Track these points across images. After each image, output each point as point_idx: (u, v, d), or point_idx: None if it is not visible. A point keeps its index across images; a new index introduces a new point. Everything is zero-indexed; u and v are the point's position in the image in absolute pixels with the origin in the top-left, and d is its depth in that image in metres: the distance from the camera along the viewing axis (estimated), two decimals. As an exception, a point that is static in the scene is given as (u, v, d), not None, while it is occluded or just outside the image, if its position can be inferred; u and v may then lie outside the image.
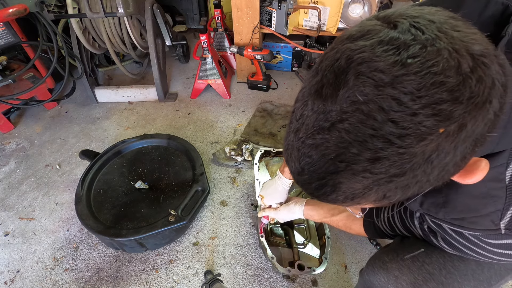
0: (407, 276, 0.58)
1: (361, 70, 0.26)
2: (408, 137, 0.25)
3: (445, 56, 0.25)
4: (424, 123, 0.25)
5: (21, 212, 1.43)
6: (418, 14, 0.28)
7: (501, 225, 0.39)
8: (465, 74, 0.24)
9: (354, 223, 0.81)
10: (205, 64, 1.94)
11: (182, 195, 1.28)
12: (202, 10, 2.67)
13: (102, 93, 2.09)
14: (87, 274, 1.19)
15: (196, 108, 2.01)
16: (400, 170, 0.27)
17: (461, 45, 0.25)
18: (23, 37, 1.71)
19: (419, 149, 0.26)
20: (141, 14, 1.84)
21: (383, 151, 0.26)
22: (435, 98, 0.24)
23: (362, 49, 0.27)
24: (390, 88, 0.25)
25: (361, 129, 0.26)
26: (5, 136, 1.87)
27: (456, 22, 0.27)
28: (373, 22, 0.29)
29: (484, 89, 0.25)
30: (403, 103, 0.25)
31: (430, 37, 0.26)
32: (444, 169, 0.28)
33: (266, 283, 1.13)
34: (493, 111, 0.26)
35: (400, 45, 0.26)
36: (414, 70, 0.25)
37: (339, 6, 1.74)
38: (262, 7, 1.82)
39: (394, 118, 0.25)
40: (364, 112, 0.26)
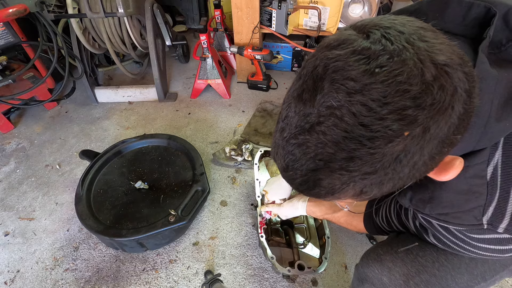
0: (400, 267, 0.60)
1: (335, 78, 0.29)
2: (377, 139, 0.28)
3: (410, 66, 0.27)
4: (390, 127, 0.27)
5: (21, 212, 1.43)
6: (390, 25, 0.30)
7: (484, 220, 0.41)
8: (428, 83, 0.27)
9: (355, 219, 0.81)
10: (205, 64, 1.94)
11: (182, 195, 1.28)
12: (202, 10, 2.67)
13: (102, 93, 2.09)
14: (87, 274, 1.19)
15: (196, 108, 2.01)
16: (372, 168, 0.29)
17: (426, 55, 0.28)
18: (23, 37, 1.71)
19: (388, 150, 0.28)
20: (141, 14, 1.84)
21: (355, 152, 0.29)
22: (400, 104, 0.27)
23: (337, 58, 0.30)
24: (360, 95, 0.28)
25: (336, 131, 0.29)
26: (5, 136, 1.87)
27: (425, 32, 0.30)
28: (350, 31, 0.32)
29: (446, 96, 0.27)
30: (371, 109, 0.27)
31: (398, 48, 0.28)
32: (414, 168, 0.30)
33: (266, 283, 1.13)
34: (457, 116, 0.29)
35: (371, 55, 0.28)
36: (381, 79, 0.27)
37: (339, 6, 1.74)
38: (262, 7, 1.82)
39: (364, 122, 0.28)
40: (337, 116, 0.29)
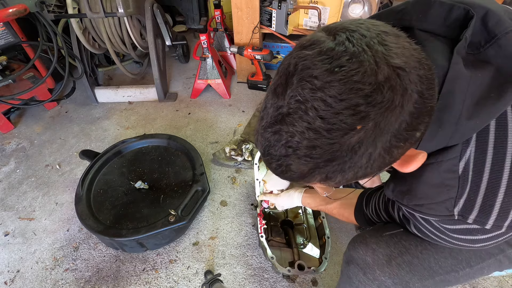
0: (383, 249, 0.63)
1: (302, 75, 0.33)
2: (333, 131, 0.31)
3: (365, 67, 0.30)
4: (345, 120, 0.31)
5: (21, 212, 1.43)
6: (355, 29, 0.33)
7: (455, 212, 0.43)
8: (379, 83, 0.30)
9: (347, 211, 0.84)
10: (205, 64, 1.94)
11: (182, 195, 1.28)
12: (202, 10, 2.67)
13: (102, 93, 2.09)
14: (87, 274, 1.19)
15: (196, 108, 2.01)
16: (332, 156, 0.33)
17: (382, 58, 0.31)
18: (23, 37, 1.71)
19: (344, 141, 0.32)
20: (141, 14, 1.84)
21: (316, 141, 0.32)
22: (353, 101, 0.30)
23: (306, 57, 0.33)
24: (321, 92, 0.31)
25: (301, 123, 0.33)
26: (5, 136, 1.87)
27: (386, 36, 0.32)
28: (321, 33, 0.35)
29: (395, 95, 0.30)
30: (329, 104, 0.31)
31: (357, 50, 0.31)
32: (371, 158, 0.34)
33: (266, 283, 1.13)
34: (407, 114, 0.32)
35: (334, 55, 0.32)
36: (339, 78, 0.30)
37: (339, 6, 1.74)
38: (262, 7, 1.82)
39: (322, 116, 0.31)
40: (302, 110, 0.32)
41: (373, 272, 0.62)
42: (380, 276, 0.61)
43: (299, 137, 0.33)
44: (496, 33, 0.37)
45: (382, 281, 0.61)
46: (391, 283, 0.61)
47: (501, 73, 0.37)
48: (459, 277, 0.61)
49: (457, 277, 0.61)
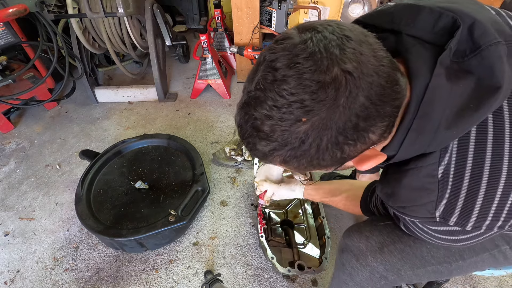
0: (377, 236, 0.65)
1: (267, 66, 0.36)
2: (284, 120, 0.35)
3: (318, 66, 0.33)
4: (294, 112, 0.34)
5: (21, 212, 1.43)
6: (321, 30, 0.36)
7: (436, 214, 0.45)
8: (325, 83, 0.33)
9: (353, 203, 0.85)
10: (205, 64, 1.94)
11: (182, 195, 1.28)
12: (202, 10, 2.67)
13: (102, 93, 2.09)
14: (87, 274, 1.19)
15: (196, 108, 2.01)
16: (284, 142, 0.37)
17: (335, 61, 0.33)
18: (23, 37, 1.71)
19: (293, 129, 0.35)
20: (141, 14, 1.84)
21: (272, 127, 0.36)
22: (301, 96, 0.33)
23: (274, 51, 0.36)
24: (278, 83, 0.34)
25: (260, 108, 0.36)
26: (5, 136, 1.87)
27: (347, 42, 0.34)
28: (294, 30, 0.38)
29: (339, 96, 0.33)
30: (282, 96, 0.34)
31: (314, 50, 0.34)
32: (319, 150, 0.37)
33: (266, 283, 1.13)
34: (353, 114, 0.34)
35: (294, 52, 0.35)
36: (293, 73, 0.34)
37: (339, 6, 1.74)
38: (262, 7, 1.82)
39: (277, 105, 0.35)
40: (262, 97, 0.36)
41: (365, 258, 0.64)
42: (372, 262, 0.63)
43: (260, 121, 0.37)
44: (480, 44, 0.38)
45: (374, 267, 0.63)
46: (382, 269, 0.62)
47: (481, 85, 0.38)
48: (452, 269, 0.62)
49: (450, 269, 0.62)
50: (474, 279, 1.12)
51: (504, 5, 1.95)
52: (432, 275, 0.63)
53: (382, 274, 0.63)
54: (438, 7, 0.41)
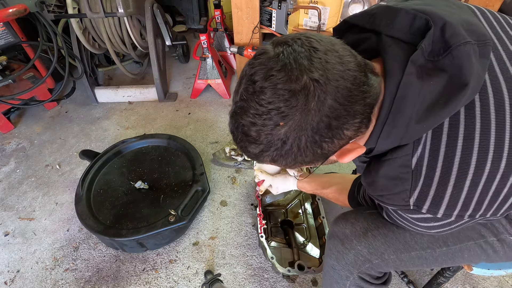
0: (361, 223, 0.69)
1: (247, 79, 0.41)
2: (266, 125, 0.40)
3: (289, 77, 0.38)
4: (273, 118, 0.39)
5: (21, 212, 1.43)
6: (291, 43, 0.40)
7: (410, 202, 0.48)
8: (295, 91, 0.37)
9: (342, 196, 0.88)
10: (205, 64, 1.94)
11: (182, 195, 1.28)
12: (202, 10, 2.67)
13: (102, 93, 2.09)
14: (87, 274, 1.19)
15: (196, 108, 2.01)
16: (269, 144, 0.42)
17: (304, 71, 0.37)
18: (23, 37, 1.71)
19: (275, 133, 0.40)
20: (141, 14, 1.84)
21: (258, 132, 0.41)
22: (277, 104, 0.38)
23: (252, 66, 0.41)
24: (257, 94, 0.39)
25: (245, 117, 0.41)
26: (5, 136, 1.87)
27: (314, 53, 0.39)
28: (269, 46, 0.42)
29: (309, 101, 0.38)
30: (262, 105, 0.39)
31: (285, 63, 0.38)
32: (300, 149, 0.42)
33: (266, 283, 1.13)
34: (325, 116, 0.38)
35: (269, 65, 0.39)
36: (269, 85, 0.39)
37: (339, 6, 1.74)
38: (262, 7, 1.82)
39: (258, 113, 0.40)
40: (245, 107, 0.41)
41: (350, 242, 0.67)
42: (356, 245, 0.67)
43: (247, 127, 0.42)
44: (450, 44, 0.41)
45: (358, 250, 0.66)
46: (366, 252, 0.65)
47: (452, 82, 0.41)
48: (437, 256, 0.64)
49: (435, 256, 0.64)
50: (474, 279, 1.12)
51: (504, 5, 1.95)
52: (417, 261, 0.65)
53: (366, 257, 0.66)
54: (413, 9, 0.44)
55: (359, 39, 0.51)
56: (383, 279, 0.73)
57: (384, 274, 0.74)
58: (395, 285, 1.11)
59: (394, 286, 1.11)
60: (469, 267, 0.76)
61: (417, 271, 1.15)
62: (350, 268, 0.69)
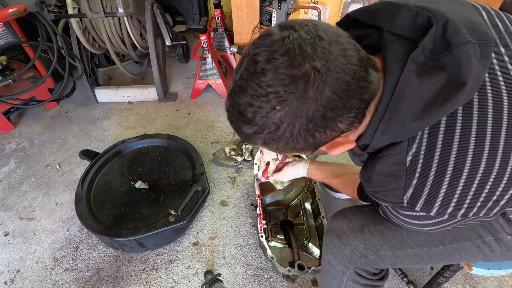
0: (359, 219, 0.69)
1: (250, 59, 0.41)
2: (262, 108, 0.40)
3: (292, 62, 0.37)
4: (270, 101, 0.39)
5: (21, 212, 1.43)
6: (298, 29, 0.40)
7: (404, 199, 0.48)
8: (296, 77, 0.37)
9: (351, 188, 0.87)
10: (205, 64, 1.94)
11: (182, 195, 1.28)
12: (202, 10, 2.67)
13: (102, 93, 2.09)
14: (87, 274, 1.19)
15: (196, 108, 2.01)
16: (263, 126, 0.42)
17: (307, 58, 0.37)
18: (23, 37, 1.71)
19: (270, 116, 0.40)
20: (141, 14, 1.84)
21: (254, 113, 0.41)
22: (276, 88, 0.38)
23: (257, 45, 0.41)
24: (258, 75, 0.39)
25: (243, 96, 0.41)
26: (5, 136, 1.87)
27: (319, 42, 0.38)
28: (276, 28, 0.42)
29: (308, 89, 0.38)
30: (261, 87, 0.39)
31: (291, 47, 0.38)
32: (293, 134, 0.42)
33: (266, 283, 1.13)
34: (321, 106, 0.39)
35: (274, 48, 0.39)
36: (271, 67, 0.38)
37: (339, 6, 1.74)
38: (262, 7, 1.82)
39: (257, 94, 0.39)
40: (244, 86, 0.41)
41: (347, 238, 0.68)
42: (353, 241, 0.67)
43: (243, 107, 0.42)
44: (451, 43, 0.40)
45: (354, 246, 0.67)
46: (363, 248, 0.66)
47: (451, 81, 0.41)
48: (433, 254, 0.64)
49: (431, 254, 0.64)
50: (474, 279, 1.12)
51: (504, 5, 1.95)
52: (413, 258, 0.65)
53: (362, 252, 0.66)
54: (416, 6, 0.44)
55: (362, 34, 0.51)
56: (380, 275, 0.74)
57: (381, 270, 0.74)
58: (395, 285, 1.11)
59: (394, 286, 1.11)
60: (469, 267, 0.76)
61: (417, 271, 1.15)
62: (347, 263, 0.69)
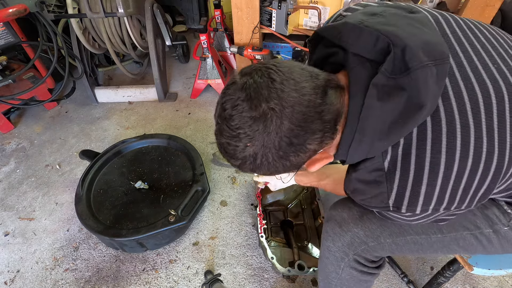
0: (358, 207, 0.71)
1: (221, 107, 0.48)
2: (237, 146, 0.47)
3: (251, 106, 0.44)
4: (242, 140, 0.46)
5: (21, 212, 1.43)
6: (253, 75, 0.46)
7: (390, 203, 0.52)
8: (256, 118, 0.44)
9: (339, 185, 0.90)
10: (205, 64, 1.94)
11: (182, 195, 1.28)
12: (202, 10, 2.67)
13: (102, 93, 2.09)
14: (87, 274, 1.19)
15: (196, 108, 2.01)
16: (244, 160, 0.49)
17: (262, 100, 0.44)
18: (23, 37, 1.71)
19: (246, 152, 0.47)
20: (141, 14, 1.85)
21: (233, 150, 0.48)
22: (243, 129, 0.45)
23: (224, 94, 0.48)
24: (227, 120, 0.47)
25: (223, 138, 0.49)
26: (5, 136, 1.87)
27: (271, 84, 0.44)
28: (238, 76, 0.49)
29: (268, 125, 0.44)
30: (232, 130, 0.46)
31: (248, 93, 0.45)
32: (269, 163, 0.48)
33: (266, 283, 1.13)
34: (284, 136, 0.45)
35: (237, 96, 0.46)
36: (235, 113, 0.45)
37: (339, 6, 1.74)
38: (262, 7, 1.82)
39: (230, 136, 0.47)
40: (220, 129, 0.49)
41: (347, 225, 0.71)
42: (353, 228, 0.70)
43: (225, 147, 0.49)
44: (409, 67, 0.43)
45: (355, 232, 0.69)
46: (363, 234, 0.69)
47: (410, 102, 0.44)
48: (432, 242, 0.67)
49: (430, 242, 0.67)
50: (474, 279, 1.12)
51: (504, 5, 1.95)
52: (412, 246, 0.68)
53: (362, 239, 0.69)
54: (376, 29, 0.47)
55: (329, 53, 0.55)
56: (378, 264, 0.76)
57: (380, 259, 0.76)
58: (395, 285, 1.11)
59: (394, 286, 1.11)
60: (470, 267, 0.76)
61: (417, 271, 1.15)
62: (346, 250, 0.71)
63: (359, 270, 0.73)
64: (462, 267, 0.80)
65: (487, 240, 0.65)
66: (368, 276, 0.75)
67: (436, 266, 1.16)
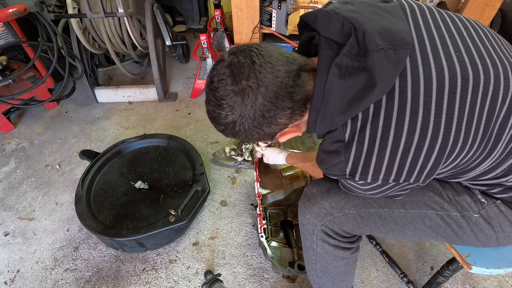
0: (326, 183, 0.78)
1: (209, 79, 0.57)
2: (221, 114, 0.56)
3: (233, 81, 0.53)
4: (224, 109, 0.55)
5: (21, 212, 1.43)
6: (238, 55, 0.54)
7: (347, 171, 0.57)
8: (237, 91, 0.53)
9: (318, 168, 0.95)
10: (205, 64, 1.94)
11: (182, 195, 1.28)
12: (202, 10, 2.67)
13: (102, 93, 2.09)
14: (87, 274, 1.19)
15: (196, 108, 2.01)
16: (225, 126, 0.58)
17: (243, 78, 0.53)
18: (23, 37, 1.71)
19: (226, 120, 0.57)
20: (141, 14, 1.85)
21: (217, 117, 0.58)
22: (225, 100, 0.55)
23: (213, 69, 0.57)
24: (213, 90, 0.56)
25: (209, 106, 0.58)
26: (5, 136, 1.87)
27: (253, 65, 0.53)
28: (226, 54, 0.57)
29: (244, 99, 0.53)
30: (216, 98, 0.56)
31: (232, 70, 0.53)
32: (246, 131, 0.58)
33: (266, 283, 1.13)
34: (258, 109, 0.54)
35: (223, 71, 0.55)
36: (220, 85, 0.54)
37: (339, 6, 1.74)
38: (262, 7, 1.82)
39: (215, 104, 0.56)
40: (208, 98, 0.58)
41: (315, 198, 0.77)
42: (320, 200, 0.75)
43: (211, 113, 0.59)
44: (367, 49, 0.49)
45: (321, 204, 0.75)
46: (328, 206, 0.74)
47: (369, 80, 0.49)
48: (396, 217, 0.71)
49: (393, 216, 0.71)
50: (474, 279, 1.12)
51: (504, 5, 1.95)
52: (377, 219, 0.72)
53: (328, 210, 0.74)
54: (343, 16, 0.53)
55: (310, 36, 0.65)
56: (350, 239, 0.79)
57: (352, 236, 0.79)
58: (395, 285, 1.11)
59: (394, 286, 1.11)
60: (469, 265, 0.76)
61: (417, 271, 1.15)
62: (314, 221, 0.76)
63: (331, 244, 0.77)
64: (462, 266, 0.80)
65: (456, 225, 0.68)
66: (342, 251, 0.78)
67: (436, 266, 1.16)
